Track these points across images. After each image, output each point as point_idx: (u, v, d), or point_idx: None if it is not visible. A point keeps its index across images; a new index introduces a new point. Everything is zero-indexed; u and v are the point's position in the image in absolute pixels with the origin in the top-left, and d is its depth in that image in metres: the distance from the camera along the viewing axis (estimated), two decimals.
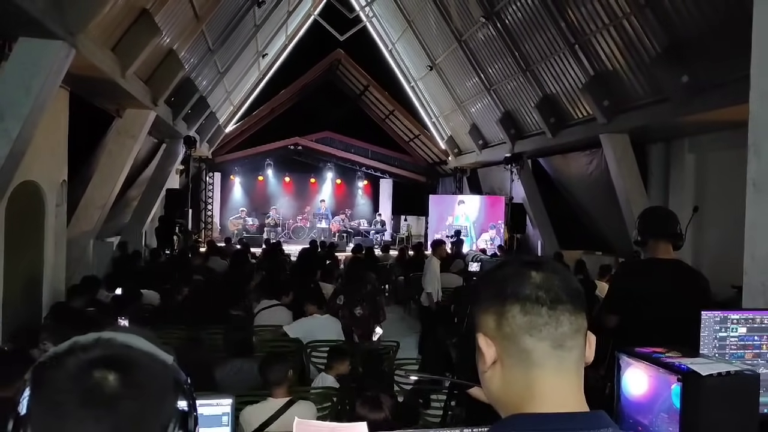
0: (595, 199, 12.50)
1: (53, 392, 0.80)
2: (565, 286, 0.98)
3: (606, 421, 0.94)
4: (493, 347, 0.98)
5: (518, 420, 0.93)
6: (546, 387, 0.94)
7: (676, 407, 1.61)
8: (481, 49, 13.91)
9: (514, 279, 1.00)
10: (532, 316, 0.95)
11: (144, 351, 0.87)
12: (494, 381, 0.99)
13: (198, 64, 12.11)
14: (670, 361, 1.63)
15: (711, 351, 1.82)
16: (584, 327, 0.98)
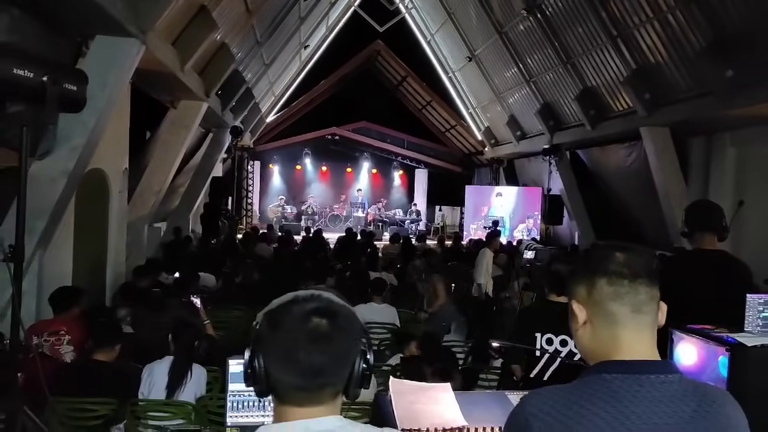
0: (634, 192, 12.57)
1: (286, 331, 1.15)
2: (643, 265, 1.27)
3: (675, 368, 1.22)
4: (584, 311, 1.27)
5: (608, 365, 1.22)
6: (627, 341, 1.23)
7: (723, 376, 1.88)
8: (522, 40, 14.02)
9: (603, 258, 1.29)
10: (616, 287, 1.24)
11: (341, 303, 1.21)
12: (585, 337, 1.29)
13: (246, 57, 12.51)
14: (719, 335, 1.89)
15: (754, 329, 2.07)
16: (657, 297, 1.27)
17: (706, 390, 1.22)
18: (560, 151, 14.64)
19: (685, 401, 1.18)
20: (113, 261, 8.27)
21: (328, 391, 1.21)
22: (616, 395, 1.17)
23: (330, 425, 1.19)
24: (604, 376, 1.21)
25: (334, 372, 1.20)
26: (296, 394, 1.19)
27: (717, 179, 10.75)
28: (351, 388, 1.24)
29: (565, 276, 1.37)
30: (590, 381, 1.22)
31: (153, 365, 3.67)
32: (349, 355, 1.22)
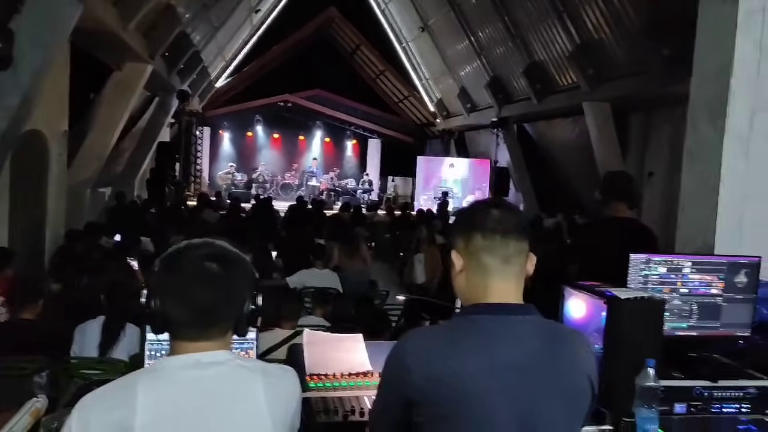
0: (576, 165, 12.97)
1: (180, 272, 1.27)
2: (515, 222, 1.43)
3: (535, 311, 1.39)
4: (462, 260, 1.42)
5: (477, 307, 1.38)
6: (495, 288, 1.39)
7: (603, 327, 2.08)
8: (473, 13, 14.14)
9: (480, 215, 1.44)
10: (489, 241, 1.39)
11: (233, 250, 1.33)
12: (461, 283, 1.44)
13: (194, 19, 12.25)
14: (601, 290, 2.09)
15: (636, 285, 2.28)
16: (525, 250, 1.42)
17: (558, 329, 1.40)
18: (508, 124, 14.94)
19: (539, 338, 1.35)
20: (52, 225, 8.13)
21: (217, 327, 1.33)
22: (481, 332, 1.33)
23: (219, 358, 1.32)
24: (473, 317, 1.37)
25: (223, 310, 1.33)
26: (188, 330, 1.31)
27: (653, 154, 11.19)
28: (240, 326, 1.37)
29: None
30: (461, 321, 1.38)
31: (85, 325, 3.71)
32: (238, 296, 1.35)
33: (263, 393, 1.32)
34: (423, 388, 1.28)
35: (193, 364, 1.30)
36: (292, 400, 1.38)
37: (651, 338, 2.02)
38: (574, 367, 1.35)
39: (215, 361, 1.31)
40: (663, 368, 2.15)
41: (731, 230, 2.66)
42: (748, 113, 2.63)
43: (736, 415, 2.18)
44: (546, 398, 1.30)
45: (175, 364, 1.31)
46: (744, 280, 2.38)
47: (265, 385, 1.32)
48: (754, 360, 2.36)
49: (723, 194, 2.64)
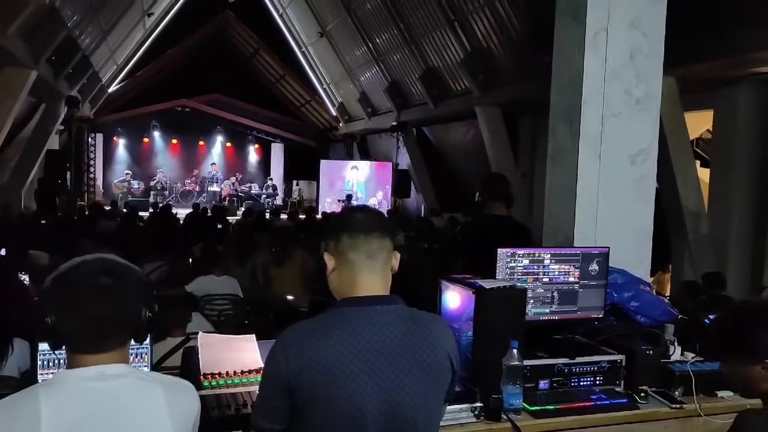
0: (472, 166, 13.53)
1: (75, 288, 1.34)
2: (376, 221, 1.62)
3: (397, 300, 1.58)
4: (333, 260, 1.59)
5: (346, 300, 1.56)
6: (362, 281, 1.57)
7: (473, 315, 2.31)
8: (369, 19, 14.44)
9: (345, 218, 1.62)
10: (354, 239, 1.57)
11: (125, 263, 1.42)
12: (334, 281, 1.62)
13: (81, 22, 11.75)
14: (472, 281, 2.33)
15: (504, 277, 2.54)
16: (389, 246, 1.62)
17: (418, 315, 1.59)
18: (407, 128, 15.36)
19: (402, 324, 1.54)
20: None
21: (116, 339, 1.40)
22: (348, 322, 1.51)
23: (122, 370, 1.38)
24: (344, 308, 1.54)
25: (119, 321, 1.40)
26: (87, 342, 1.37)
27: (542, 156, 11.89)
28: (139, 333, 1.46)
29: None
30: (333, 313, 1.55)
31: None
32: (133, 307, 1.42)
33: (166, 406, 1.37)
34: (299, 374, 1.44)
35: (96, 376, 1.34)
36: (192, 414, 1.45)
37: (515, 323, 2.27)
38: (434, 348, 1.55)
39: (118, 374, 1.37)
40: (529, 349, 2.42)
41: (588, 224, 2.99)
42: (598, 120, 2.97)
43: (591, 386, 2.48)
44: (408, 376, 1.49)
45: (76, 376, 1.34)
46: (596, 268, 2.71)
47: (167, 399, 1.38)
48: (608, 338, 2.69)
49: (580, 192, 2.97)
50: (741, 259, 8.03)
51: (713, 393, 2.52)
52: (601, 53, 2.94)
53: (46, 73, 10.76)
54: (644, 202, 3.12)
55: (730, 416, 2.44)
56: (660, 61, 3.06)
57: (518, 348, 2.18)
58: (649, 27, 3.02)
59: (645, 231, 3.11)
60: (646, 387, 2.49)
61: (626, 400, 2.40)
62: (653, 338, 2.70)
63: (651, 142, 3.09)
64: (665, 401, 2.44)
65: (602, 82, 2.95)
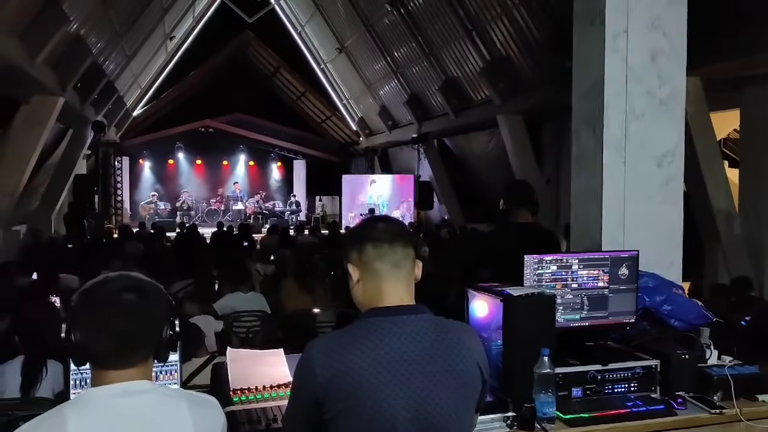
0: (496, 176, 13.47)
1: (99, 304, 1.36)
2: (399, 231, 1.62)
3: (424, 309, 1.57)
4: (357, 271, 1.59)
5: (373, 311, 1.55)
6: (388, 291, 1.56)
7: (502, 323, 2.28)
8: (387, 33, 14.53)
9: (368, 228, 1.62)
10: (378, 249, 1.57)
11: (149, 281, 1.43)
12: (359, 292, 1.61)
13: (105, 48, 12.03)
14: (499, 289, 2.30)
15: (531, 284, 2.50)
16: (412, 255, 1.61)
17: (446, 324, 1.57)
18: (428, 139, 15.37)
19: (429, 333, 1.52)
20: None
21: (138, 355, 1.41)
22: (375, 332, 1.50)
23: (146, 386, 1.39)
24: (369, 319, 1.53)
25: (142, 338, 1.41)
26: (110, 359, 1.38)
27: (565, 161, 11.79)
28: (161, 352, 1.46)
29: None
30: (360, 324, 1.55)
31: (2, 367, 3.63)
32: (156, 324, 1.43)
33: (191, 422, 1.38)
34: (327, 386, 1.43)
35: (120, 392, 1.36)
36: (217, 429, 1.45)
37: (545, 330, 2.24)
38: (463, 357, 1.53)
39: (142, 390, 1.38)
40: (561, 357, 2.38)
41: (615, 228, 2.95)
42: (621, 123, 2.94)
43: (626, 393, 2.43)
44: (438, 386, 1.48)
45: (102, 394, 1.36)
46: (626, 272, 2.65)
47: (192, 414, 1.39)
48: (641, 343, 2.63)
49: (606, 196, 2.93)
50: None
51: (754, 397, 2.44)
52: (622, 55, 2.91)
53: (73, 100, 11.01)
54: (672, 203, 3.06)
55: None
56: (683, 60, 3.02)
57: (549, 355, 2.15)
58: (670, 27, 2.98)
59: (675, 233, 3.06)
60: (683, 392, 2.43)
61: (663, 407, 2.34)
62: (688, 342, 2.63)
63: (677, 143, 3.04)
64: (704, 407, 2.37)
65: (624, 85, 2.92)
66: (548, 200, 10.54)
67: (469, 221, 14.36)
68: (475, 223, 13.62)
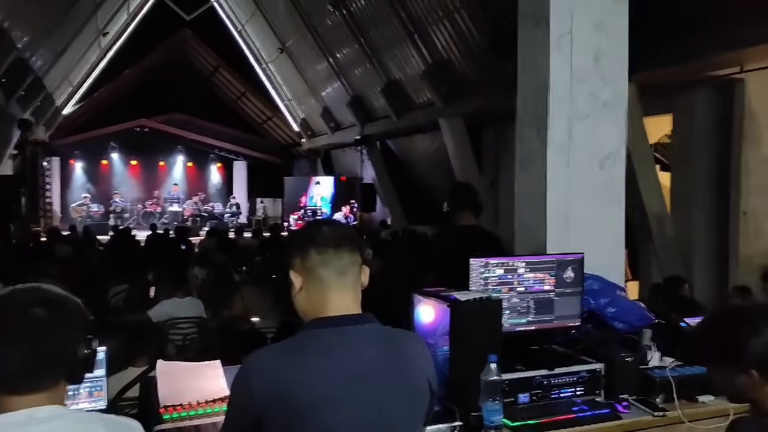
0: (438, 178, 13.54)
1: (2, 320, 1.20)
2: (345, 235, 1.51)
3: (373, 319, 1.47)
4: (300, 278, 1.48)
5: (317, 321, 1.45)
6: (333, 300, 1.46)
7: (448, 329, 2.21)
8: (330, 34, 14.40)
9: (312, 232, 1.51)
10: (323, 255, 1.46)
11: (63, 294, 1.28)
12: (301, 301, 1.50)
13: (32, 43, 11.42)
14: (446, 294, 2.23)
15: (478, 288, 2.45)
16: (359, 261, 1.51)
17: (394, 334, 1.48)
18: (371, 141, 15.32)
19: (377, 345, 1.43)
20: None
21: (47, 378, 1.25)
22: (319, 345, 1.39)
23: (55, 411, 1.23)
24: (313, 331, 1.43)
25: (52, 358, 1.25)
26: (15, 382, 1.22)
27: (504, 164, 11.94)
28: (75, 373, 1.31)
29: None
30: (303, 336, 1.43)
31: None
32: (70, 343, 1.28)
33: None
34: (266, 404, 1.32)
35: (25, 420, 1.20)
36: None
37: (492, 335, 2.19)
38: (412, 370, 1.45)
39: (51, 415, 1.22)
40: (507, 362, 2.33)
41: (559, 231, 2.94)
42: (565, 124, 2.93)
43: (572, 398, 2.40)
44: (388, 402, 1.39)
45: (4, 422, 1.20)
46: (571, 275, 2.64)
47: None
48: (586, 347, 2.62)
49: (550, 198, 2.92)
50: (705, 259, 8.15)
51: (694, 398, 2.46)
52: (566, 56, 2.91)
53: None
54: (615, 205, 3.08)
55: (712, 422, 2.40)
56: (625, 63, 3.04)
57: (497, 362, 2.10)
58: (613, 29, 3.00)
59: (617, 235, 3.08)
60: (627, 395, 2.43)
61: (608, 411, 2.33)
62: (631, 344, 2.64)
63: (619, 145, 3.06)
64: (647, 409, 2.37)
65: (569, 86, 2.91)
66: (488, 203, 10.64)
67: (412, 223, 14.37)
68: (417, 225, 13.64)
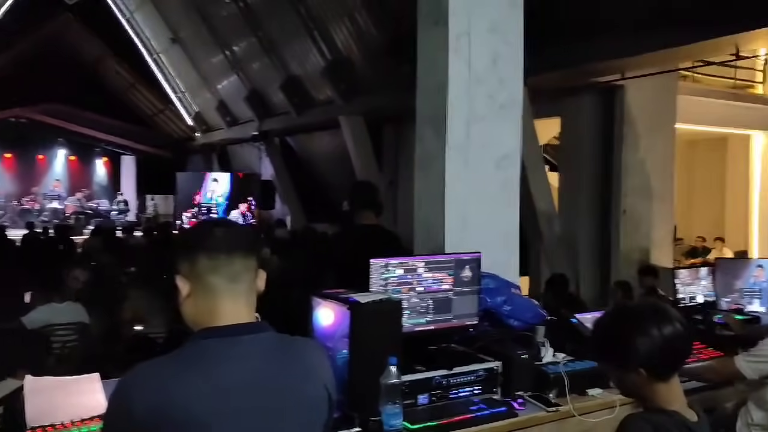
0: (338, 176, 13.48)
1: None
2: (239, 239, 1.40)
3: (268, 327, 1.37)
4: (188, 284, 1.35)
5: (206, 332, 1.33)
6: (224, 309, 1.35)
7: None
8: (225, 26, 13.95)
9: (202, 234, 1.39)
10: (214, 260, 1.34)
11: None
12: (189, 309, 1.37)
13: None
14: (345, 296, 2.17)
15: (378, 288, 2.41)
16: (253, 266, 1.40)
17: (291, 343, 1.39)
18: (270, 137, 15.01)
19: (272, 355, 1.33)
20: None
21: None
22: (210, 358, 1.28)
23: None
24: (200, 341, 1.31)
25: None
26: None
27: (404, 163, 12.07)
28: None
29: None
30: (189, 347, 1.31)
31: None
32: None
33: None
34: (145, 423, 1.19)
35: None
36: None
37: (392, 337, 2.15)
38: (310, 380, 1.36)
39: None
40: (406, 363, 2.31)
41: (457, 230, 2.96)
42: (464, 125, 2.96)
43: (470, 397, 2.41)
44: (283, 416, 1.30)
45: None
46: (469, 274, 2.66)
47: None
48: (483, 345, 2.65)
49: (448, 198, 2.93)
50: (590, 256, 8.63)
51: (584, 392, 2.55)
52: (465, 57, 2.93)
53: None
54: (510, 206, 3.15)
55: (600, 414, 2.49)
56: (520, 66, 3.11)
57: (396, 364, 2.06)
58: (509, 32, 3.06)
59: (512, 234, 3.15)
60: (523, 392, 2.47)
61: (505, 408, 2.36)
62: (526, 342, 2.70)
63: (515, 146, 3.13)
64: (541, 405, 2.43)
65: (467, 87, 2.94)
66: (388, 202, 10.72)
67: (312, 221, 14.22)
68: (317, 223, 13.50)
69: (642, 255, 8.46)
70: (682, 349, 1.62)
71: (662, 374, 1.59)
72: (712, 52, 7.97)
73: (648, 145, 8.47)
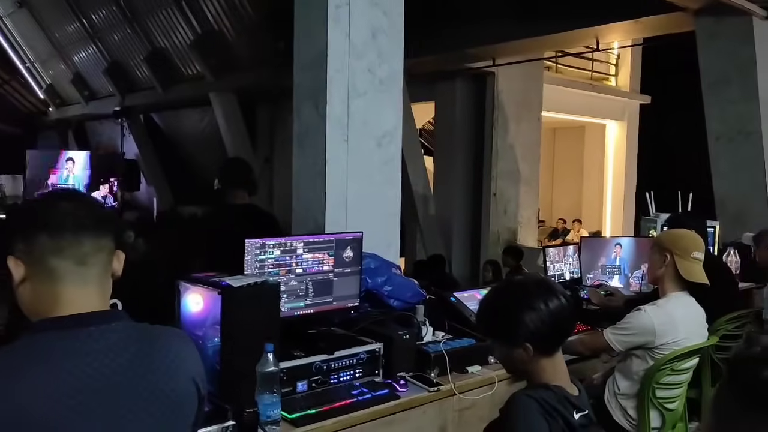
0: (209, 155, 12.88)
1: None
2: (90, 215, 1.19)
3: (123, 315, 1.19)
4: (23, 267, 1.13)
5: (44, 323, 1.12)
6: (69, 296, 1.14)
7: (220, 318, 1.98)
8: None
9: (45, 208, 1.17)
10: (57, 240, 1.13)
11: None
12: (25, 295, 1.15)
13: None
14: (216, 280, 1.99)
15: (253, 271, 2.26)
16: (107, 247, 1.20)
17: (151, 333, 1.21)
18: (133, 113, 14.05)
19: (126, 348, 1.14)
20: None
21: None
22: (48, 353, 1.07)
23: None
24: (39, 335, 1.10)
25: None
26: None
27: (280, 143, 11.78)
28: None
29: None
30: (25, 343, 1.10)
31: None
32: None
33: None
34: None
35: None
36: None
37: (269, 323, 2.00)
38: (173, 373, 1.19)
39: None
40: (284, 349, 2.18)
41: (338, 209, 2.85)
42: (344, 100, 2.84)
43: (351, 381, 2.33)
44: (138, 416, 1.12)
45: None
46: (350, 255, 2.57)
47: None
48: (364, 327, 2.57)
49: (329, 176, 2.81)
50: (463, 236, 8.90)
51: (465, 370, 2.56)
52: (344, 29, 2.80)
53: None
54: (391, 184, 3.09)
55: (479, 391, 2.51)
56: (400, 41, 3.04)
57: (273, 351, 1.92)
58: (389, 6, 2.97)
59: (393, 214, 3.09)
60: (404, 373, 2.43)
61: (387, 391, 2.30)
62: (407, 321, 2.66)
63: (395, 124, 3.07)
64: (423, 385, 2.39)
65: (347, 60, 2.82)
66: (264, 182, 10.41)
67: (180, 203, 13.52)
68: (186, 204, 12.84)
69: (510, 235, 8.86)
70: (567, 323, 1.63)
71: (548, 349, 1.60)
72: (573, 42, 8.45)
73: (517, 130, 8.85)
